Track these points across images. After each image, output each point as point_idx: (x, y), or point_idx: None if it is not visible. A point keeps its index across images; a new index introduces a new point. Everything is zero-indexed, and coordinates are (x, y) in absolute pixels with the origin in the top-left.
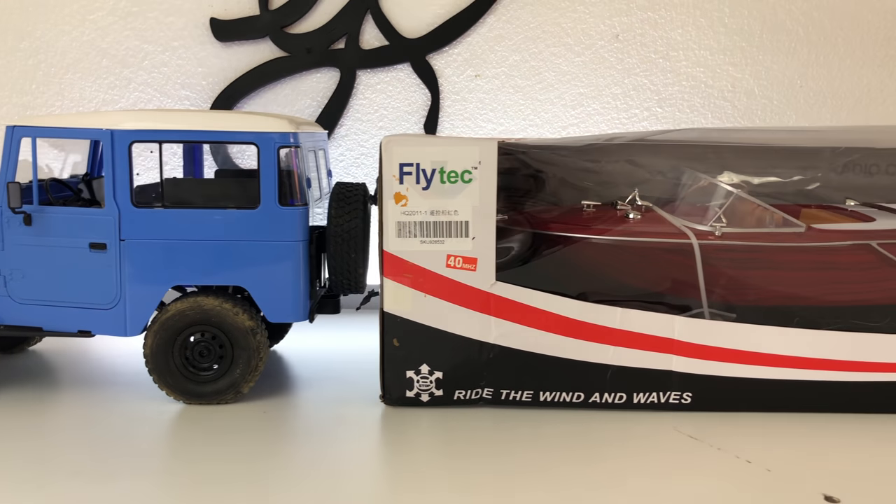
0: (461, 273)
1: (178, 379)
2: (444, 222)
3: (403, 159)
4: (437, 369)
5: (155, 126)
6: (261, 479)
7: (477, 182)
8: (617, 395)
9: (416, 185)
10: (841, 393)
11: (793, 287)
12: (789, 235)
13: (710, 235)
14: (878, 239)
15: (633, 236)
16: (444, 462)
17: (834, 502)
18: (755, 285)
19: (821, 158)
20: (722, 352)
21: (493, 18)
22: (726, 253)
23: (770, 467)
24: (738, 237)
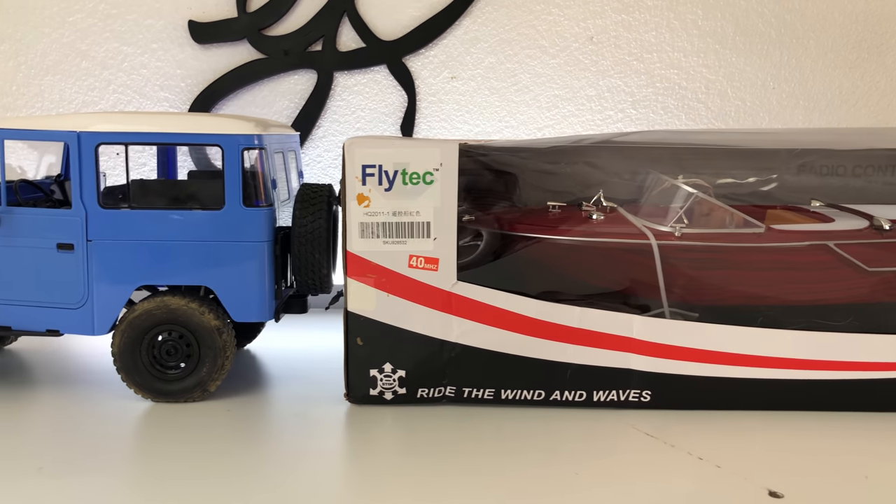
0: (423, 273)
1: (145, 377)
2: (406, 223)
3: (366, 161)
4: (400, 368)
5: (121, 128)
6: (224, 476)
7: (438, 183)
8: (577, 393)
9: (379, 187)
10: (800, 391)
11: (752, 287)
12: (749, 236)
13: (669, 236)
14: (836, 239)
15: (593, 237)
16: (406, 460)
17: (778, 497)
18: (715, 285)
19: (778, 160)
20: (680, 350)
21: (469, 21)
22: (686, 253)
23: (720, 464)
24: (697, 237)
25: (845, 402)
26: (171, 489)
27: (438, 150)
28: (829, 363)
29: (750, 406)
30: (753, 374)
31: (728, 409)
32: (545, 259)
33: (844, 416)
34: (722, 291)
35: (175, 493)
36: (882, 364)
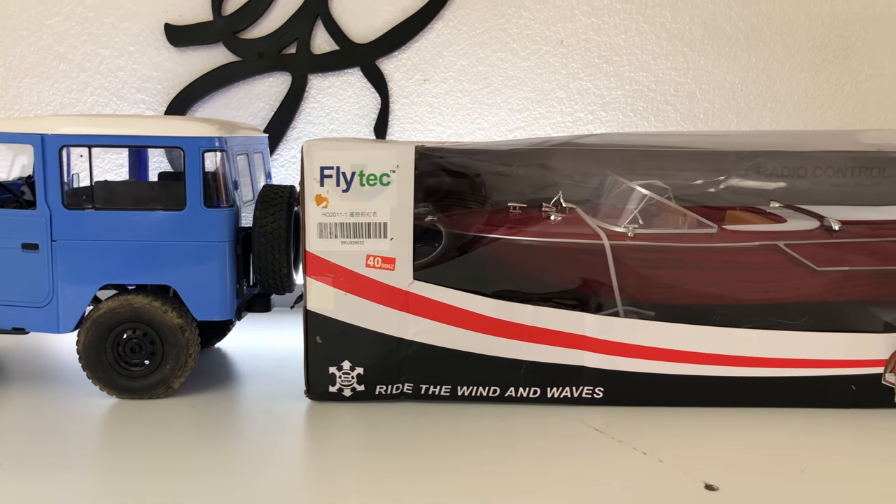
0: (380, 272)
1: (110, 374)
2: (363, 223)
3: (324, 163)
4: (358, 365)
5: (84, 131)
6: (187, 471)
7: (395, 185)
8: (531, 389)
9: (337, 188)
10: (747, 388)
11: (705, 286)
12: (701, 236)
13: (623, 236)
14: (786, 240)
15: (548, 237)
16: (364, 456)
17: (713, 490)
18: (668, 284)
19: (726, 161)
20: (631, 348)
21: (441, 24)
22: (638, 253)
23: (663, 458)
24: (650, 238)
25: (793, 399)
26: (134, 484)
27: (395, 152)
28: (777, 360)
29: (698, 403)
30: (702, 371)
31: (677, 406)
32: (503, 258)
33: (788, 413)
34: (675, 290)
35: (138, 487)
36: (829, 361)
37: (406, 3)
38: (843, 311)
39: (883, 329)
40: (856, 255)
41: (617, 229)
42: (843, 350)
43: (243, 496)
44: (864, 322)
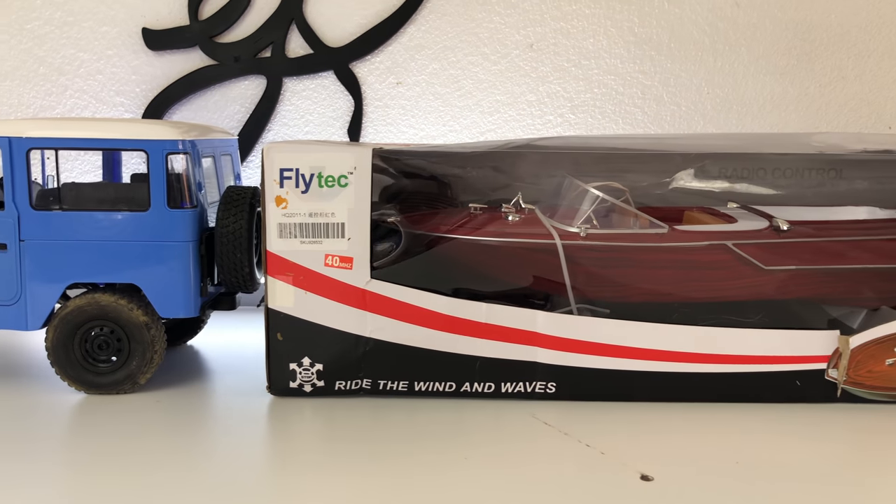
0: (339, 272)
1: (78, 370)
2: (321, 224)
3: (284, 165)
4: (318, 361)
5: (51, 134)
6: (150, 463)
7: (353, 186)
8: (486, 384)
9: (296, 189)
10: (693, 383)
11: (656, 284)
12: (651, 236)
13: (575, 236)
14: (734, 239)
15: (503, 237)
16: (323, 449)
17: (648, 480)
18: (621, 282)
19: (672, 163)
20: (582, 344)
21: (413, 28)
22: (590, 252)
23: (605, 451)
24: (602, 238)
25: (740, 394)
26: (100, 476)
27: (352, 154)
28: (724, 357)
29: (648, 398)
30: (650, 367)
31: (627, 401)
32: (461, 258)
33: (732, 408)
34: (628, 289)
35: (104, 479)
36: (775, 357)
37: (379, 7)
38: (791, 309)
39: (827, 326)
40: (802, 254)
41: (571, 229)
42: (789, 346)
43: (204, 487)
44: (811, 319)
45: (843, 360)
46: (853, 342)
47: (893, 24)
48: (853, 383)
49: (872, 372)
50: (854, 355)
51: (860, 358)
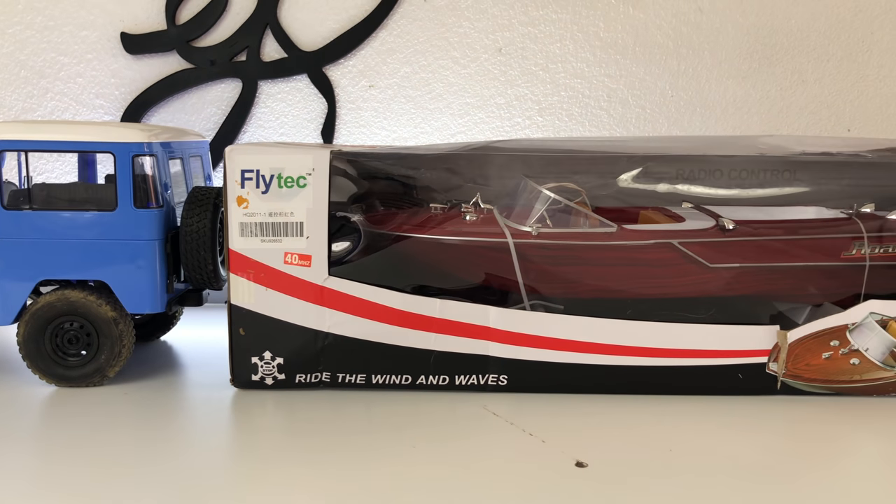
0: (297, 269)
1: (48, 364)
2: (281, 223)
3: (245, 166)
4: (278, 355)
5: (20, 137)
6: (117, 453)
7: (311, 187)
8: (441, 377)
9: (256, 190)
10: (642, 376)
11: (605, 281)
12: (599, 235)
13: (527, 235)
14: (679, 238)
15: (458, 235)
16: (284, 438)
17: (583, 466)
18: (571, 279)
19: (618, 165)
20: (532, 338)
21: (385, 33)
22: (541, 251)
23: (546, 439)
24: (553, 236)
25: (685, 387)
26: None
27: (311, 156)
28: (670, 351)
29: (595, 390)
30: (598, 360)
31: (574, 393)
32: (418, 255)
33: (673, 400)
34: (578, 285)
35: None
36: (719, 352)
37: (351, 12)
38: (740, 306)
39: (769, 321)
40: (746, 252)
41: (524, 228)
42: (732, 341)
43: (169, 476)
44: (758, 315)
45: (782, 354)
46: (791, 337)
47: (852, 29)
48: (792, 376)
49: (810, 365)
50: (792, 349)
51: (798, 352)
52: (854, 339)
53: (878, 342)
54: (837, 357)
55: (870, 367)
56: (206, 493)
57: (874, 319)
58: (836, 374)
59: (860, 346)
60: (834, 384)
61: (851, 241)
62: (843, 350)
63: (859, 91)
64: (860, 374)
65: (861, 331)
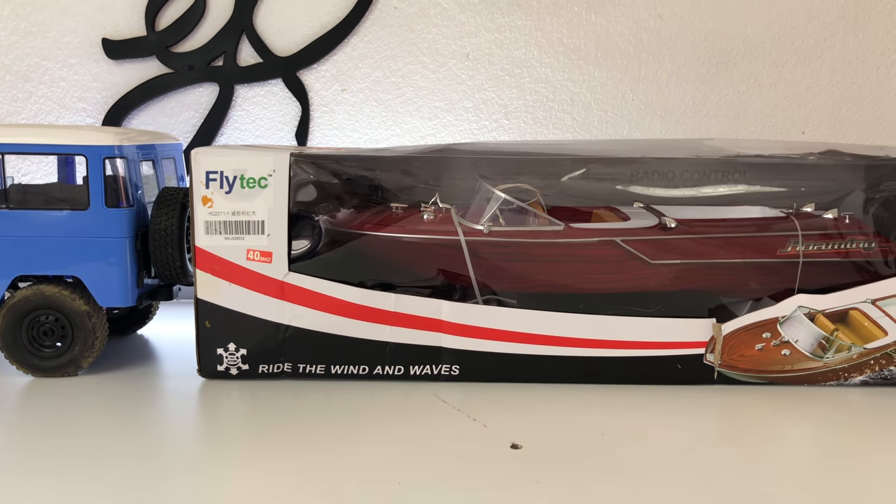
0: (259, 265)
1: (25, 355)
2: (243, 222)
3: (209, 167)
4: (242, 347)
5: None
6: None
7: (272, 187)
8: (396, 367)
9: (220, 190)
10: (584, 367)
11: (552, 277)
12: (548, 233)
13: (479, 233)
14: (622, 236)
15: (414, 233)
16: (247, 425)
17: (517, 448)
18: (521, 275)
19: (561, 167)
20: (482, 330)
21: (357, 39)
22: (493, 248)
23: (488, 424)
24: (503, 234)
25: (626, 377)
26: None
27: (272, 158)
28: (612, 342)
29: (540, 379)
30: (544, 351)
31: (522, 382)
32: (375, 252)
33: (613, 388)
34: (529, 281)
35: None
36: (659, 343)
37: (324, 19)
38: (679, 300)
39: (707, 314)
40: (687, 249)
41: (476, 227)
42: (671, 333)
43: (138, 461)
44: (697, 309)
45: (717, 346)
46: (726, 329)
47: (805, 36)
48: (728, 366)
49: (744, 356)
50: (727, 341)
51: (733, 343)
52: (784, 331)
53: (807, 334)
54: (770, 348)
55: (800, 357)
56: (170, 471)
57: (802, 313)
58: (768, 364)
59: (790, 338)
60: (767, 374)
61: (787, 239)
62: (774, 342)
63: (813, 95)
64: (791, 364)
65: (791, 323)
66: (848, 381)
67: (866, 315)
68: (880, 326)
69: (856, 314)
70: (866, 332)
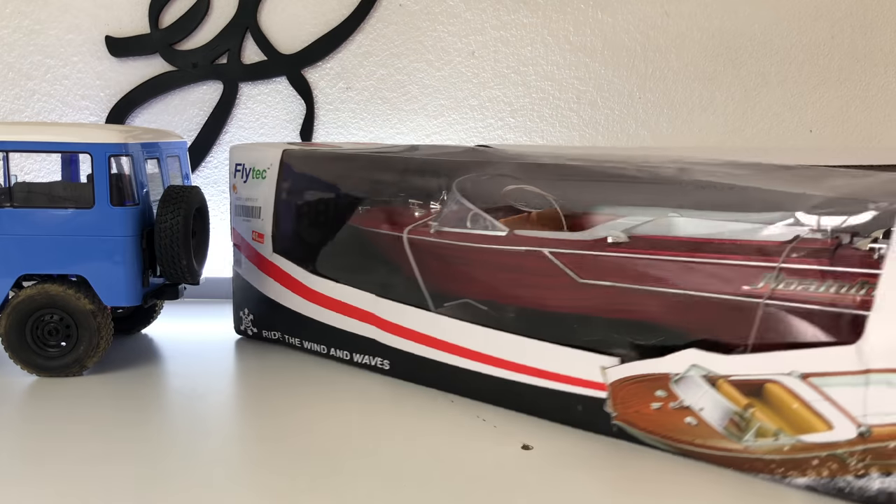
0: (257, 244)
1: (29, 355)
2: (251, 206)
3: (238, 160)
4: (251, 313)
5: (2, 138)
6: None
7: (268, 179)
8: (344, 352)
9: (241, 179)
10: (489, 385)
11: (494, 285)
12: (486, 238)
13: (425, 232)
14: (552, 247)
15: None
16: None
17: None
18: (466, 279)
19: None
20: (406, 331)
21: (362, 36)
22: (436, 249)
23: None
24: (447, 236)
25: (531, 407)
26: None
27: (269, 153)
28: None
29: (455, 390)
30: (453, 361)
31: (440, 390)
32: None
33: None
34: (472, 285)
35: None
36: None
37: (329, 16)
38: (599, 328)
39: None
40: (626, 271)
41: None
42: (578, 367)
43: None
44: (617, 342)
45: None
46: (610, 375)
47: (813, 33)
48: (625, 421)
49: (641, 413)
50: (617, 391)
51: (624, 395)
52: (681, 394)
53: (714, 404)
54: (668, 411)
55: (710, 432)
56: (174, 473)
57: (699, 375)
58: (673, 431)
59: (691, 404)
60: (675, 442)
61: (761, 271)
62: (672, 403)
63: (821, 94)
64: (702, 438)
65: (688, 385)
66: (786, 480)
67: (793, 394)
68: (820, 415)
69: (776, 390)
70: (798, 419)
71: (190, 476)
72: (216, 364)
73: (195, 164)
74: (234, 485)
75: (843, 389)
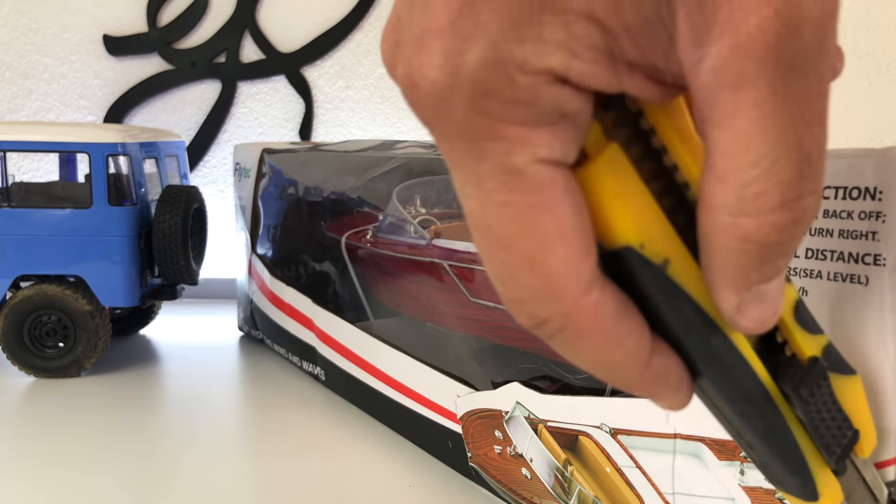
0: (246, 244)
1: (27, 356)
2: (239, 205)
3: (237, 159)
4: (243, 311)
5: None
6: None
7: (251, 178)
8: (295, 357)
9: (237, 178)
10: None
11: (416, 298)
12: (410, 248)
13: (360, 239)
14: (450, 260)
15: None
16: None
17: None
18: (392, 290)
19: None
20: (333, 341)
21: (361, 35)
22: (370, 257)
23: None
24: (381, 244)
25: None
26: (44, 449)
27: (253, 152)
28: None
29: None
30: (370, 381)
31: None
32: None
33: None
34: (396, 296)
35: (47, 452)
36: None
37: (328, 15)
38: (487, 357)
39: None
40: None
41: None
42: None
43: (139, 462)
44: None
45: None
46: (460, 406)
47: None
48: (478, 465)
49: (489, 458)
50: (466, 426)
51: (473, 432)
52: (514, 437)
53: (539, 454)
54: (507, 457)
55: (543, 491)
56: (174, 474)
57: (522, 414)
58: (514, 482)
59: (522, 451)
60: (520, 497)
61: None
62: (508, 449)
63: None
64: (538, 496)
65: (516, 427)
66: None
67: (606, 454)
68: (632, 486)
69: (590, 446)
70: (613, 488)
71: (190, 476)
72: (216, 364)
73: (193, 163)
74: (235, 484)
75: (652, 456)
